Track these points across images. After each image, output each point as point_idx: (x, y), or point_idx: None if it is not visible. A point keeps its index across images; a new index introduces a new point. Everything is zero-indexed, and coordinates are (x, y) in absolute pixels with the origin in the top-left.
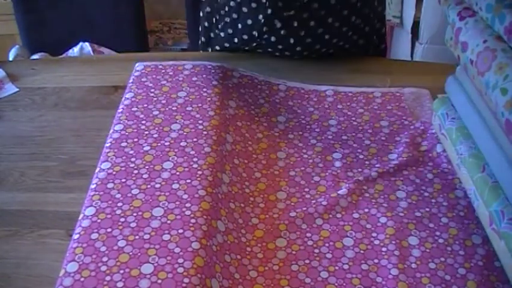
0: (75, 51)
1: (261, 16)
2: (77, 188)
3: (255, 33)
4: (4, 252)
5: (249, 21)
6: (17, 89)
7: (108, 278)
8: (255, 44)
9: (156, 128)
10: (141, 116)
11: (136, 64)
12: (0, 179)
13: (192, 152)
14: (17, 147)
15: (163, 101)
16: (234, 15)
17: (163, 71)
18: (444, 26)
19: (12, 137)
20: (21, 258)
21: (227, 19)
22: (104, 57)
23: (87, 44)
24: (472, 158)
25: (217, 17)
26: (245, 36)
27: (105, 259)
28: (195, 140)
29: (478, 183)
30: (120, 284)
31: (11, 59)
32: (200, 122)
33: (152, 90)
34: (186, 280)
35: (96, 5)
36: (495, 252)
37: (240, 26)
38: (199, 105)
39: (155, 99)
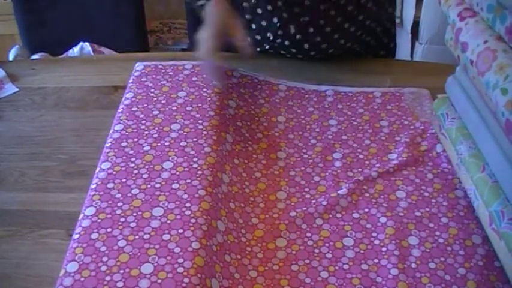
0: (75, 51)
1: (276, 19)
2: (77, 188)
3: (269, 35)
4: (4, 252)
5: (264, 23)
6: (17, 89)
7: (108, 277)
8: (267, 47)
9: (156, 128)
10: (141, 116)
11: (137, 64)
12: (0, 179)
13: (192, 152)
14: (17, 147)
15: (163, 101)
16: (248, 16)
17: (163, 71)
18: (444, 26)
19: (12, 137)
20: (21, 258)
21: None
22: (104, 57)
23: (87, 44)
24: (472, 158)
25: None
26: (258, 37)
27: (105, 259)
28: (195, 140)
29: (478, 183)
30: (120, 284)
31: (11, 59)
32: (200, 122)
33: (152, 90)
34: (186, 280)
35: (96, 5)
36: (495, 252)
37: (254, 26)
38: (199, 105)
39: (155, 99)
